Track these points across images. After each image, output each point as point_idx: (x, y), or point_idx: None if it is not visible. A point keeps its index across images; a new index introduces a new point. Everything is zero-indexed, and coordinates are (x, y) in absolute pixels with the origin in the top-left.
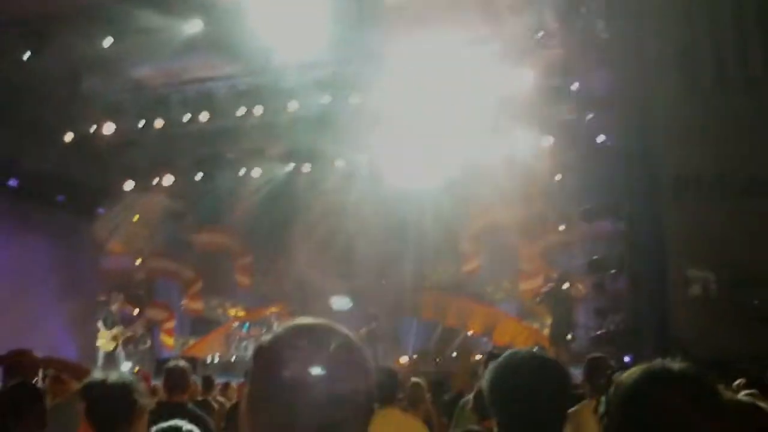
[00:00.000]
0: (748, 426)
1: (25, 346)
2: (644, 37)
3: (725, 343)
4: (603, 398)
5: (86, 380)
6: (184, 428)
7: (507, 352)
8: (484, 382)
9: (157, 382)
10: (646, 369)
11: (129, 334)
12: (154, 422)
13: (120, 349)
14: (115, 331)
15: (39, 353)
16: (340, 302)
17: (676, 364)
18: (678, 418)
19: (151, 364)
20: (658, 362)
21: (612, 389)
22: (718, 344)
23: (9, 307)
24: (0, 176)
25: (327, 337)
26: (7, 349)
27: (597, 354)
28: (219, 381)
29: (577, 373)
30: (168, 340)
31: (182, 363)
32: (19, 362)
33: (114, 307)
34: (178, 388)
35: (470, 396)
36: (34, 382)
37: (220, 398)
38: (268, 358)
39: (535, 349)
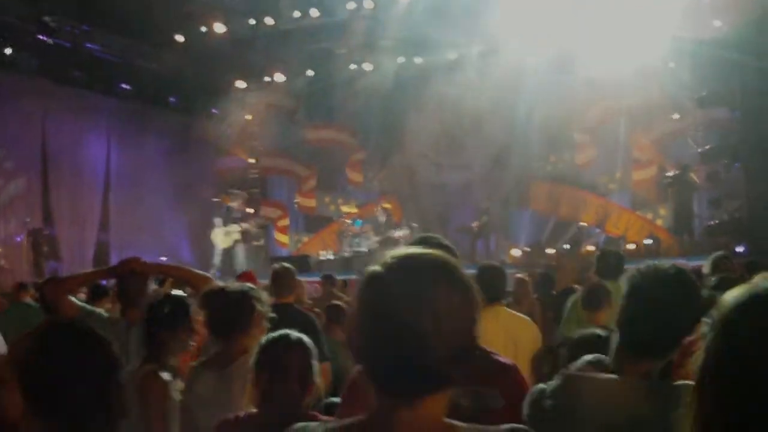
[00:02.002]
0: None
1: (145, 248)
2: None
3: None
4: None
5: (205, 290)
6: (292, 336)
7: (649, 265)
8: (623, 286)
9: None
10: (750, 290)
11: (242, 229)
12: None
13: (237, 246)
14: (230, 227)
15: (157, 255)
16: None
17: None
18: None
19: (266, 261)
20: (761, 281)
21: (714, 311)
22: None
23: (128, 209)
24: (114, 80)
25: (430, 273)
26: (129, 250)
27: (723, 253)
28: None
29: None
30: (283, 238)
31: (287, 264)
32: (131, 270)
33: (235, 205)
34: (284, 289)
35: (579, 292)
36: (147, 288)
37: (341, 294)
38: (373, 292)
39: (670, 264)
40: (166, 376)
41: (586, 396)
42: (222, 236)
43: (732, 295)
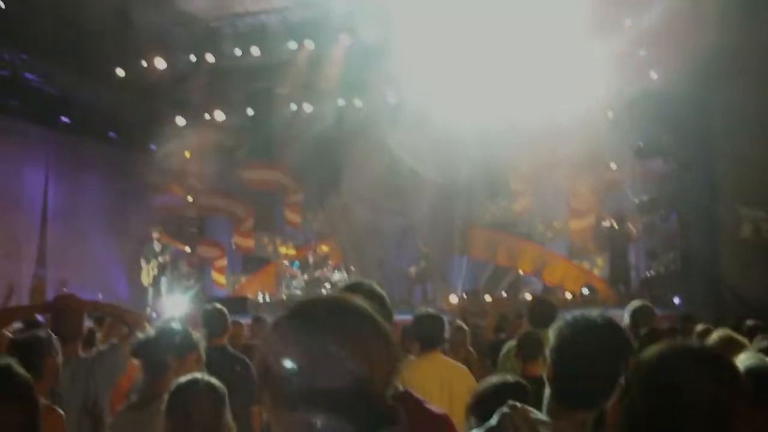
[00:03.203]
0: None
1: (82, 284)
2: None
3: None
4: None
5: (133, 342)
6: (201, 381)
7: (581, 315)
8: (551, 338)
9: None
10: (667, 347)
11: (160, 263)
12: None
13: (159, 279)
14: (152, 263)
15: (95, 291)
16: None
17: (696, 343)
18: (700, 396)
19: (202, 302)
20: (678, 341)
21: (633, 368)
22: None
23: (66, 243)
24: (52, 113)
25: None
26: (66, 285)
27: (642, 302)
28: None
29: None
30: (220, 279)
31: (219, 306)
32: (67, 307)
33: (154, 243)
34: (216, 331)
35: (514, 341)
36: (82, 325)
37: None
38: (276, 339)
39: (597, 313)
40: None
41: None
42: (145, 275)
43: (650, 354)
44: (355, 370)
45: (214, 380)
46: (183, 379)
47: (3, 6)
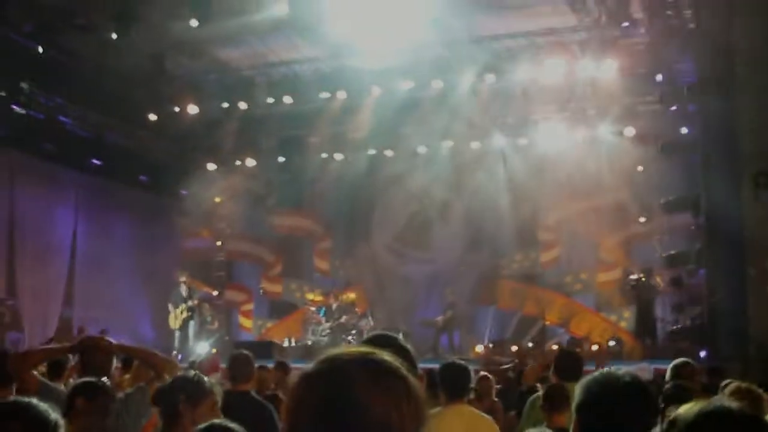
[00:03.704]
0: None
1: (108, 326)
2: (732, 28)
3: None
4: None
5: (157, 388)
6: (218, 427)
7: (609, 371)
8: (576, 393)
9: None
10: (705, 407)
11: (190, 306)
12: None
13: (187, 326)
14: (181, 308)
15: (120, 333)
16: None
17: (733, 404)
18: None
19: (229, 346)
20: (716, 400)
21: (668, 425)
22: None
23: (92, 285)
24: (84, 155)
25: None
26: (92, 326)
27: (684, 360)
28: (296, 366)
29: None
30: (246, 323)
31: (245, 351)
32: (94, 348)
33: (182, 287)
34: (242, 376)
35: (541, 392)
36: (111, 366)
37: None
38: (303, 391)
39: (627, 370)
40: None
41: None
42: (173, 319)
43: (687, 412)
44: (384, 426)
45: (232, 425)
46: (201, 426)
47: (40, 50)
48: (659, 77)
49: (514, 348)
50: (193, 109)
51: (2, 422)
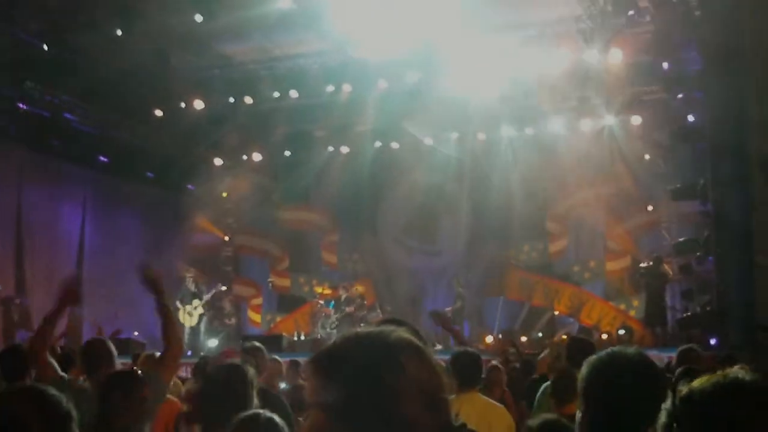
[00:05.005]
0: None
1: (117, 321)
2: (738, 15)
3: None
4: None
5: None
6: (263, 416)
7: (613, 350)
8: (582, 373)
9: None
10: (721, 380)
11: (204, 302)
12: None
13: (201, 323)
14: (190, 306)
15: (129, 331)
16: None
17: (749, 376)
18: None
19: (237, 340)
20: (732, 373)
21: (679, 400)
22: None
23: (101, 281)
24: (91, 152)
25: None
26: (102, 323)
27: (690, 345)
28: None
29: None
30: (255, 317)
31: (257, 343)
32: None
33: (188, 282)
34: (255, 368)
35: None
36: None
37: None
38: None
39: (634, 350)
40: None
41: None
42: (186, 316)
43: (700, 387)
44: (423, 388)
45: (274, 415)
46: (246, 413)
47: (45, 48)
48: (665, 65)
49: (524, 339)
50: (198, 105)
51: (19, 404)
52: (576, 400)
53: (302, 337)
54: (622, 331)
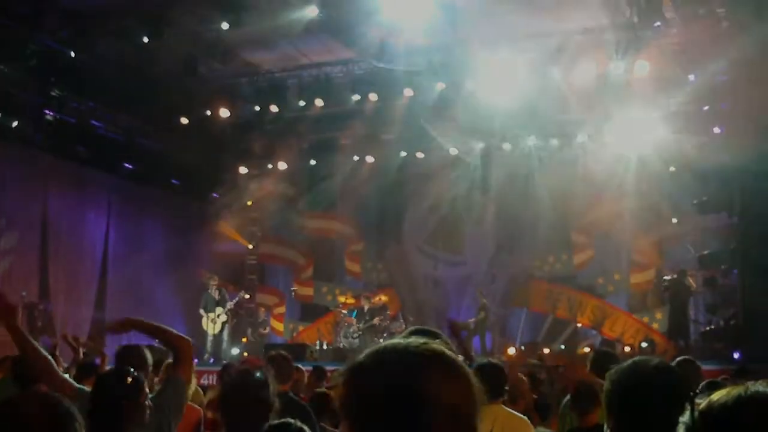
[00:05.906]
0: None
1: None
2: (766, 26)
3: None
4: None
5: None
6: (293, 425)
7: (636, 359)
8: (606, 385)
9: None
10: (742, 393)
11: (228, 309)
12: None
13: (224, 331)
14: (213, 314)
15: (152, 339)
16: None
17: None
18: None
19: (260, 348)
20: (753, 386)
21: (699, 413)
22: None
23: (125, 289)
24: (116, 159)
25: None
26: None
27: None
28: (329, 368)
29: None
30: (278, 325)
31: (284, 352)
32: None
33: (211, 290)
34: (281, 376)
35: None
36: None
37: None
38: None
39: (657, 360)
40: None
41: None
42: (208, 323)
43: (720, 399)
44: (454, 409)
45: (303, 425)
46: (275, 422)
47: (72, 55)
48: (692, 77)
49: (547, 351)
50: (224, 113)
51: (31, 410)
52: (596, 410)
53: (325, 347)
54: (644, 344)
